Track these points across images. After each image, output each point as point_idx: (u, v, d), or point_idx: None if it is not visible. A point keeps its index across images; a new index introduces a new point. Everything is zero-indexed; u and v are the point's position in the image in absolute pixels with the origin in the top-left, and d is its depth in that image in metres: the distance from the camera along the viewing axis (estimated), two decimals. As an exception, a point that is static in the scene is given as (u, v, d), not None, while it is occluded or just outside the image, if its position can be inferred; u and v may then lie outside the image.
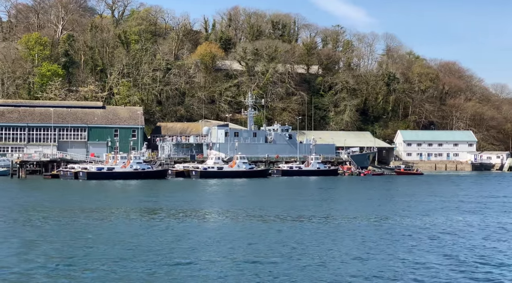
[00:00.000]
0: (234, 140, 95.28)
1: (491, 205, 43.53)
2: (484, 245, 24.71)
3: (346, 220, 32.89)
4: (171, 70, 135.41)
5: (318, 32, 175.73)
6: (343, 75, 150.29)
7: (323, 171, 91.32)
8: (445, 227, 30.21)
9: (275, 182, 74.46)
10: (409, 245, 24.57)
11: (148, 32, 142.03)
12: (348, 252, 22.90)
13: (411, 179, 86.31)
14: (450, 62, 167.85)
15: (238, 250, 23.09)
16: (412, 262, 21.05)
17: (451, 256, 22.12)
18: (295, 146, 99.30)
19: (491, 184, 75.53)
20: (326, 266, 20.46)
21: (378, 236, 26.95)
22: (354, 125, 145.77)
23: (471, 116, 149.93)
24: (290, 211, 37.54)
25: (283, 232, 27.95)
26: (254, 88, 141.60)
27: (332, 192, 58.73)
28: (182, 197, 48.03)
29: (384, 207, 41.18)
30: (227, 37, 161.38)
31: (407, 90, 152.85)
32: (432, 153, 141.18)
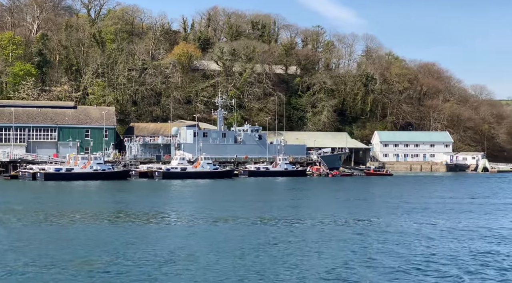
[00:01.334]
0: (202, 140, 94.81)
1: (430, 206, 43.40)
2: (398, 244, 24.46)
3: (285, 221, 32.50)
4: (147, 70, 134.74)
5: (299, 32, 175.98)
6: (321, 76, 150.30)
7: (291, 172, 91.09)
8: (370, 228, 29.93)
9: (238, 183, 74.12)
10: (338, 247, 24.28)
11: (124, 32, 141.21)
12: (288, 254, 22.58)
13: (378, 180, 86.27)
14: (429, 63, 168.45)
15: (197, 254, 22.60)
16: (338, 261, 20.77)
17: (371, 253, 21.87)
18: (265, 146, 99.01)
19: (452, 184, 75.61)
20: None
21: (313, 240, 26.66)
22: (331, 125, 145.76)
23: (448, 117, 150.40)
24: (243, 212, 37.20)
25: (237, 233, 27.57)
26: (231, 88, 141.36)
27: (289, 193, 58.42)
28: (137, 198, 47.53)
29: (326, 208, 40.90)
30: (205, 37, 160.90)
31: (385, 91, 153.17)
32: (409, 153, 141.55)
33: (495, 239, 27.53)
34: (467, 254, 23.48)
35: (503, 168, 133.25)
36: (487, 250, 24.44)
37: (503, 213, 39.75)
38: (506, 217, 37.04)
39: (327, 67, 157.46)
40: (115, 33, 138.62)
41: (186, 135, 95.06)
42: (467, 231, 29.82)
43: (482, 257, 22.97)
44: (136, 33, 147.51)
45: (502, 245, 25.63)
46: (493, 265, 21.48)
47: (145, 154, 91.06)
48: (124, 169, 77.97)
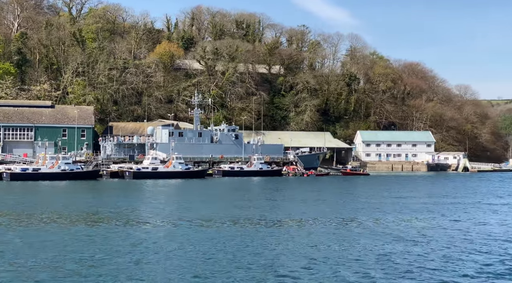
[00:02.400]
0: (178, 140, 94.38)
1: (383, 205, 43.15)
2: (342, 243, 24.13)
3: (230, 221, 32.12)
4: (128, 69, 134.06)
5: (284, 32, 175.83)
6: (304, 75, 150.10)
7: (266, 171, 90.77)
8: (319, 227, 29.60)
9: (209, 182, 73.68)
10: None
11: (106, 31, 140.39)
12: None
13: (351, 180, 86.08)
14: (413, 63, 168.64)
15: (162, 258, 22.18)
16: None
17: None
18: (242, 146, 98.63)
19: (423, 184, 75.54)
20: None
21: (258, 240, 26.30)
22: (314, 125, 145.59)
23: (431, 117, 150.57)
24: (202, 214, 36.83)
25: (203, 236, 27.13)
26: (213, 88, 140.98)
27: (256, 193, 58.03)
28: (97, 199, 47.02)
29: (284, 208, 40.54)
30: (189, 37, 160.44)
31: (368, 90, 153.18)
32: (391, 153, 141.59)
33: (409, 239, 27.08)
34: (361, 253, 23.09)
35: (484, 168, 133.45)
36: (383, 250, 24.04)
37: (442, 212, 39.48)
38: (438, 217, 36.62)
39: (311, 67, 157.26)
40: (96, 32, 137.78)
41: (162, 134, 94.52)
42: (384, 231, 29.40)
43: (373, 255, 22.59)
44: (118, 32, 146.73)
45: (398, 244, 25.10)
46: (386, 263, 21.17)
47: (119, 153, 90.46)
48: (94, 169, 77.36)
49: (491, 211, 40.87)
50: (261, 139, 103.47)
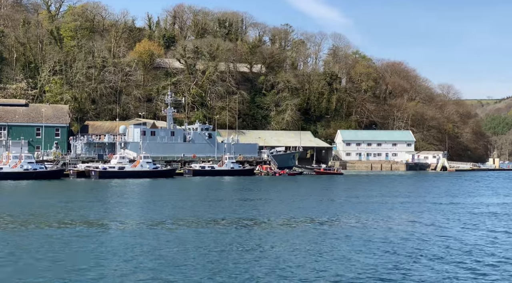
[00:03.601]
0: (150, 139, 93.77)
1: (328, 205, 42.72)
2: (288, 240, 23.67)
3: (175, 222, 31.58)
4: (106, 68, 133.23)
5: (267, 31, 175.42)
6: (285, 74, 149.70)
7: (238, 171, 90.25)
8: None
9: (177, 182, 73.00)
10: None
11: (85, 29, 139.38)
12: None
13: (324, 179, 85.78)
14: (396, 62, 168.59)
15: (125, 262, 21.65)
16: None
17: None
18: (215, 145, 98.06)
19: (392, 184, 75.24)
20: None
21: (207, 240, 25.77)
22: (295, 124, 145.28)
23: (412, 116, 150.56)
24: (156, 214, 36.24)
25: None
26: (193, 86, 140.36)
27: (219, 192, 57.51)
28: (53, 200, 46.29)
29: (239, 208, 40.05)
30: (170, 35, 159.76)
31: (349, 89, 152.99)
32: (371, 152, 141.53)
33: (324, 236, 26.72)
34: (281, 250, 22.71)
35: (463, 167, 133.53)
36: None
37: (380, 209, 39.17)
38: (364, 216, 36.23)
39: (292, 66, 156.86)
40: (75, 30, 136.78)
41: (134, 133, 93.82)
42: (304, 227, 29.04)
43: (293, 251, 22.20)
44: (97, 31, 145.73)
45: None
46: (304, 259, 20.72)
47: (89, 153, 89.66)
48: (58, 169, 76.58)
49: (425, 210, 40.66)
50: (235, 139, 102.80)
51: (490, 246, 25.62)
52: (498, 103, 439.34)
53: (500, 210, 41.27)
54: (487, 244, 25.97)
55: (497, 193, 59.72)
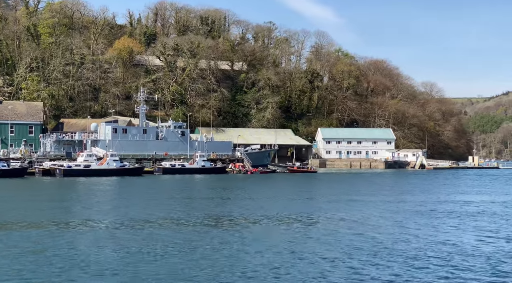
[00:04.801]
0: (122, 137, 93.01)
1: (273, 204, 42.24)
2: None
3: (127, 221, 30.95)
4: (84, 65, 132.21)
5: (250, 28, 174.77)
6: (266, 72, 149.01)
7: (209, 169, 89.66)
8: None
9: (144, 181, 72.30)
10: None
11: (63, 25, 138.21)
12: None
13: (295, 178, 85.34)
14: (378, 60, 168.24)
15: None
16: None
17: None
18: (188, 143, 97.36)
19: (359, 183, 74.89)
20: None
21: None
22: (276, 122, 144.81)
23: (393, 114, 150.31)
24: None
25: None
26: (173, 84, 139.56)
27: (175, 190, 56.92)
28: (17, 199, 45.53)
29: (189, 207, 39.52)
30: (151, 32, 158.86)
31: (330, 87, 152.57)
32: (351, 150, 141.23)
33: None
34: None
35: (442, 165, 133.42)
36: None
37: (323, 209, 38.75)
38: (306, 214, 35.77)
39: (274, 63, 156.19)
40: (53, 26, 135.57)
41: (105, 131, 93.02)
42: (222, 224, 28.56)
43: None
44: (76, 27, 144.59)
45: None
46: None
47: (59, 150, 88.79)
48: (21, 167, 75.73)
49: (361, 207, 40.38)
50: (209, 136, 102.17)
51: (404, 244, 25.16)
52: (488, 102, 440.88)
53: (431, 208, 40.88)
54: (399, 242, 25.52)
55: (452, 192, 59.40)
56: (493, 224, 32.71)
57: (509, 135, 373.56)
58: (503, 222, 33.46)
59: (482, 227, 31.20)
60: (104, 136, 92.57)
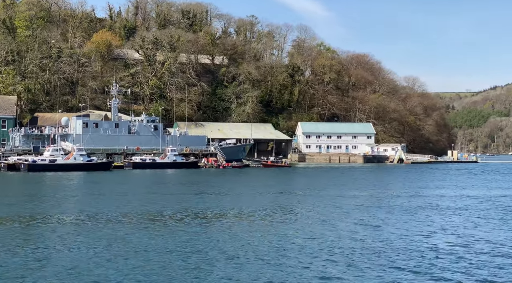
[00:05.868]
0: (93, 131, 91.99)
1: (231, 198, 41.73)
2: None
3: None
4: (61, 58, 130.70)
5: (232, 22, 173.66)
6: (247, 66, 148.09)
7: (181, 163, 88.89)
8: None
9: (111, 175, 71.39)
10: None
11: (40, 18, 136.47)
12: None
13: (266, 172, 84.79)
14: (360, 55, 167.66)
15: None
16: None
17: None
18: (161, 137, 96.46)
19: (328, 177, 74.50)
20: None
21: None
22: (257, 116, 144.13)
23: (374, 109, 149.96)
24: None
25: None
26: (152, 78, 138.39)
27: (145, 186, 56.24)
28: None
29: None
30: (131, 26, 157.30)
31: (311, 81, 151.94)
32: (331, 145, 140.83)
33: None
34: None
35: (420, 159, 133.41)
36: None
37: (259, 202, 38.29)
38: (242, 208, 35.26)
39: (254, 57, 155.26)
40: (30, 19, 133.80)
41: (76, 125, 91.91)
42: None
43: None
44: (54, 21, 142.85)
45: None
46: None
47: (27, 145, 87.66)
48: (-17, 161, 74.79)
49: (303, 201, 40.00)
50: (183, 131, 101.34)
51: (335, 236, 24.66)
52: (475, 96, 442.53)
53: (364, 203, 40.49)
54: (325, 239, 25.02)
55: (410, 186, 59.11)
56: (417, 219, 32.32)
57: (496, 130, 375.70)
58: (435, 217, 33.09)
59: (413, 220, 30.81)
60: (74, 130, 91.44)
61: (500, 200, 44.24)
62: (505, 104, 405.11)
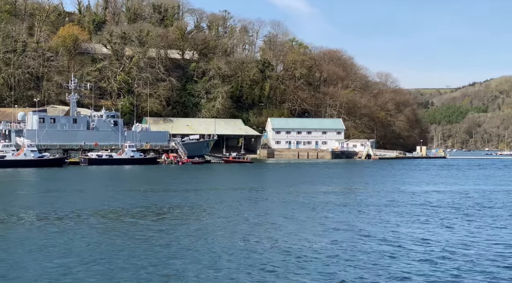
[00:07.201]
0: (50, 126, 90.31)
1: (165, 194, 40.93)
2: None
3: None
4: (26, 53, 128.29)
5: (204, 17, 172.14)
6: (217, 61, 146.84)
7: (138, 159, 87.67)
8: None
9: (62, 172, 69.98)
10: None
11: (4, 12, 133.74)
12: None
13: (226, 168, 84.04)
14: (332, 50, 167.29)
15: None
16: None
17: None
18: (120, 133, 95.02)
19: (278, 173, 74.00)
20: None
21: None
22: (227, 112, 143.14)
23: (345, 104, 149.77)
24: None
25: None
26: (120, 73, 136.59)
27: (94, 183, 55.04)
28: None
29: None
30: (100, 20, 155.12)
31: (281, 77, 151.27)
32: (301, 141, 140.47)
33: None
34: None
35: (389, 155, 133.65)
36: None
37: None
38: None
39: (225, 53, 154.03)
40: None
41: (32, 121, 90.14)
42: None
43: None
44: (19, 14, 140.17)
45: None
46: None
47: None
48: None
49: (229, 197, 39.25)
50: (144, 127, 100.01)
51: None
52: (454, 92, 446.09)
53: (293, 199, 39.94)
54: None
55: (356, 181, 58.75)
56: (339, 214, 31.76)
57: (474, 126, 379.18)
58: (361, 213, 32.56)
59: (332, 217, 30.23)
60: (31, 126, 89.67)
61: (432, 195, 43.97)
62: (483, 100, 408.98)
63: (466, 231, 26.60)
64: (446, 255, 21.13)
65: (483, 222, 29.76)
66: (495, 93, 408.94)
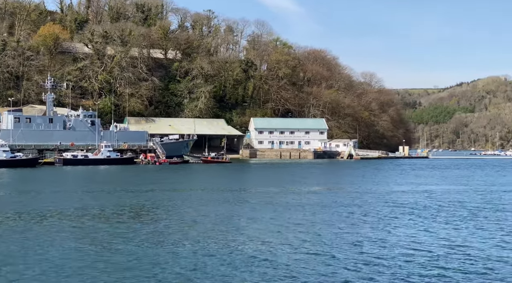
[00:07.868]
0: (25, 126, 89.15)
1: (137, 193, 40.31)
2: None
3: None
4: (5, 51, 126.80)
5: (188, 17, 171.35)
6: (200, 61, 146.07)
7: (115, 160, 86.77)
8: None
9: (34, 173, 69.02)
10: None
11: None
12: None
13: (204, 168, 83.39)
14: (316, 50, 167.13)
15: None
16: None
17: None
18: (96, 133, 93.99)
19: (253, 173, 73.56)
20: None
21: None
22: (210, 112, 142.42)
23: (328, 104, 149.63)
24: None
25: None
26: (101, 72, 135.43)
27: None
28: None
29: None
30: (82, 19, 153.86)
31: (265, 77, 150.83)
32: (284, 141, 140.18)
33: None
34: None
35: (371, 155, 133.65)
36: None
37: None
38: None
39: (208, 52, 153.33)
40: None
41: (8, 120, 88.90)
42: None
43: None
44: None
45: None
46: None
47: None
48: None
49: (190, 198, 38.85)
50: (122, 126, 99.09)
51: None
52: (442, 92, 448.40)
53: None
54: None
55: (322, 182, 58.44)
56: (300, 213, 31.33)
57: (461, 126, 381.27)
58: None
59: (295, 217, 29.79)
60: (6, 125, 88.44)
61: (396, 195, 43.72)
62: (470, 100, 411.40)
63: (404, 229, 26.28)
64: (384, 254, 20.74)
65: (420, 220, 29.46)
66: (482, 93, 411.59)
